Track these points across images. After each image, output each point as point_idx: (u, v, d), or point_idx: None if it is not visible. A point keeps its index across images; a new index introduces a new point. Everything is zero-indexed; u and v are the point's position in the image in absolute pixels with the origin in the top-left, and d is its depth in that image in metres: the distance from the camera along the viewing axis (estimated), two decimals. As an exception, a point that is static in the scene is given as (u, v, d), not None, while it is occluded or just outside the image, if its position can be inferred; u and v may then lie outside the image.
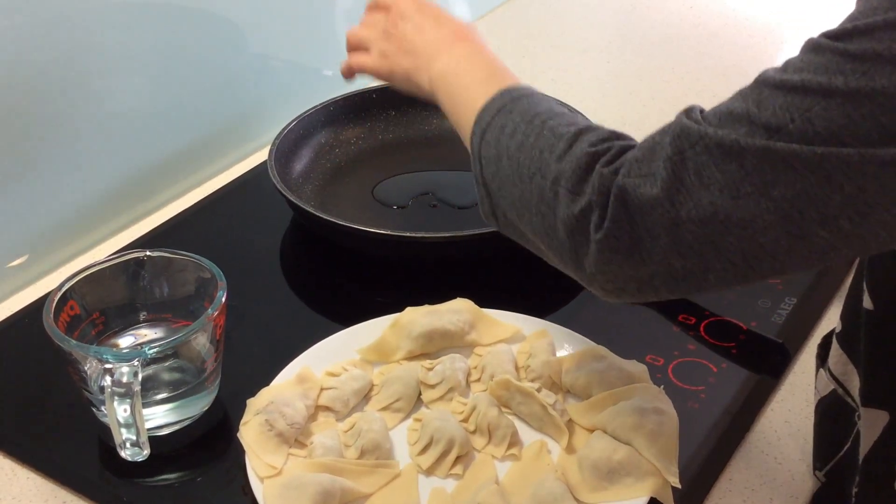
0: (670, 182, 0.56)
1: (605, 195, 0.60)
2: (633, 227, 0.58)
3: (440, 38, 0.85)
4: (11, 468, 0.79)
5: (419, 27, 0.87)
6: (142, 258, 0.84)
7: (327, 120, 1.18)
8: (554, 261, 0.67)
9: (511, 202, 0.68)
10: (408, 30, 0.87)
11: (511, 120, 0.70)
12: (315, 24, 1.34)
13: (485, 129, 0.71)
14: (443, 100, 0.81)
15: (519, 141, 0.68)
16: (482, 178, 0.71)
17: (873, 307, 0.66)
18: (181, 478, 0.78)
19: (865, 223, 0.52)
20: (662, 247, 0.57)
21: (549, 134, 0.67)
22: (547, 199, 0.64)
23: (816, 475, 0.76)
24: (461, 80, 0.79)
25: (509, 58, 1.58)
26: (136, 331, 0.85)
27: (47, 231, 1.04)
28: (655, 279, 0.59)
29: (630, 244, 0.58)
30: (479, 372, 0.84)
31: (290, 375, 0.82)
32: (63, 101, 1.01)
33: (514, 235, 0.71)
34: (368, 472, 0.74)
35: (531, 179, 0.65)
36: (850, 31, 0.52)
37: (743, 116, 0.55)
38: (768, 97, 0.54)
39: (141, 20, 1.08)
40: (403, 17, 0.88)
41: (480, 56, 0.82)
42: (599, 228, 0.60)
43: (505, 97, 0.72)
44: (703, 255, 0.56)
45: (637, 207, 0.58)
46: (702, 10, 1.66)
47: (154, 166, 1.14)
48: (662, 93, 1.38)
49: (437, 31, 0.86)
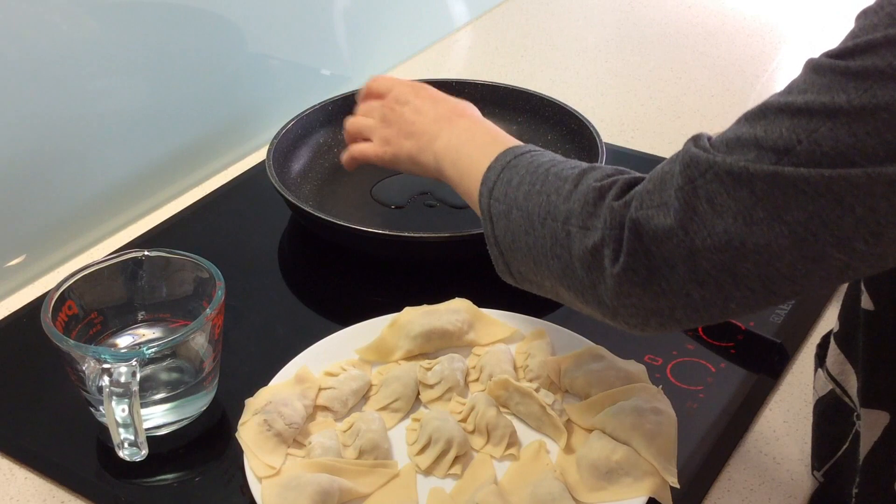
0: (683, 212, 0.57)
1: (618, 228, 0.61)
2: (650, 259, 0.59)
3: (439, 117, 0.87)
4: (9, 468, 0.79)
5: (417, 110, 0.89)
6: (140, 258, 0.84)
7: (326, 119, 1.17)
8: (577, 303, 0.68)
9: (526, 253, 0.69)
10: (406, 113, 0.90)
11: (517, 173, 0.71)
12: (313, 23, 1.34)
13: (492, 187, 0.73)
14: (449, 173, 0.82)
15: (526, 191, 0.69)
16: (493, 236, 0.72)
17: (873, 308, 0.66)
18: (179, 478, 0.78)
19: (880, 243, 0.52)
20: (680, 276, 0.58)
21: (555, 178, 0.68)
22: (560, 240, 0.65)
23: (815, 475, 0.76)
24: (465, 151, 0.81)
25: (508, 57, 1.59)
26: (134, 330, 0.84)
27: (45, 231, 1.04)
28: (677, 311, 0.60)
29: (647, 275, 0.59)
30: (477, 372, 0.84)
31: (289, 375, 0.82)
32: (61, 100, 1.01)
33: (533, 288, 0.73)
34: (367, 471, 0.74)
35: (542, 224, 0.66)
36: (851, 49, 0.52)
37: (751, 141, 0.55)
38: (774, 120, 0.54)
39: (139, 20, 1.08)
40: (400, 102, 0.91)
41: (480, 127, 0.85)
42: (616, 262, 0.61)
43: (508, 155, 0.74)
44: (721, 284, 0.57)
45: (652, 238, 0.58)
46: (700, 9, 1.66)
47: (152, 166, 1.14)
48: (661, 92, 1.39)
49: (436, 110, 0.88)
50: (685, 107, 1.33)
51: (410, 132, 0.88)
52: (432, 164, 0.85)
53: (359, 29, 1.42)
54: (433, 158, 0.85)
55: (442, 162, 0.83)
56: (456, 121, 0.86)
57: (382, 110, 0.92)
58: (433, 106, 0.89)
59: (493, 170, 0.74)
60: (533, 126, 1.18)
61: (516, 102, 1.20)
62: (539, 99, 1.18)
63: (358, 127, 0.95)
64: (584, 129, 1.11)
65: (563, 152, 1.14)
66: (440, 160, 0.84)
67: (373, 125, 0.93)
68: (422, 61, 1.50)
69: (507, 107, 1.20)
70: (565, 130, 1.15)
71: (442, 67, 1.49)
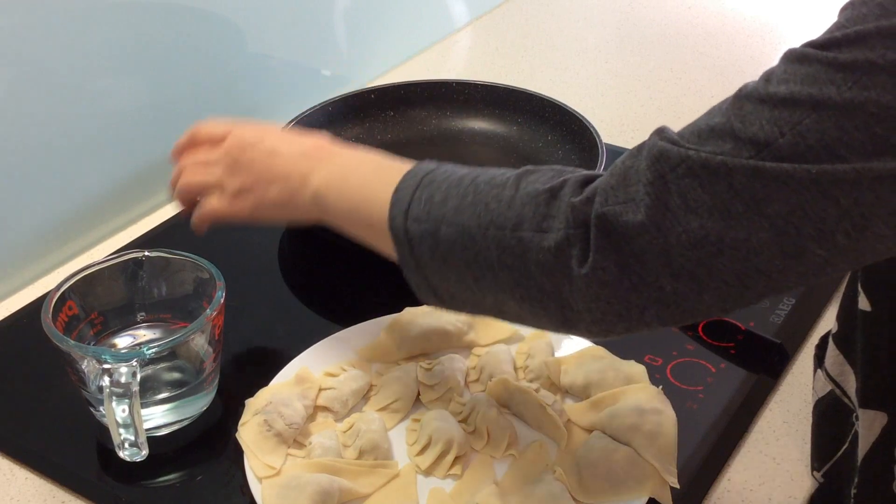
0: (655, 208, 0.54)
1: (583, 226, 0.57)
2: (620, 255, 0.56)
3: (304, 154, 0.78)
4: (10, 468, 0.79)
5: (272, 151, 0.79)
6: (140, 258, 0.84)
7: (326, 120, 1.17)
8: (527, 316, 0.63)
9: (461, 270, 0.63)
10: (259, 157, 0.79)
11: (437, 189, 0.65)
12: (314, 24, 1.34)
13: (407, 208, 0.66)
14: (336, 209, 0.74)
15: (455, 205, 0.64)
16: (414, 259, 0.66)
17: (870, 308, 0.66)
18: (180, 478, 0.78)
19: (862, 237, 0.51)
20: (653, 271, 0.55)
21: (487, 186, 0.63)
22: (510, 249, 0.60)
23: (814, 476, 0.76)
24: (353, 180, 0.73)
25: (508, 58, 1.59)
26: (134, 331, 0.85)
27: (46, 231, 1.04)
28: (648, 310, 0.57)
29: (618, 272, 0.56)
30: (477, 372, 0.84)
31: (289, 376, 0.82)
32: (61, 100, 1.01)
33: (466, 308, 0.67)
34: (367, 472, 0.74)
35: (484, 236, 0.61)
36: (840, 39, 0.51)
37: (726, 133, 0.53)
38: (753, 111, 0.52)
39: (139, 20, 1.08)
40: (245, 146, 0.80)
41: (360, 154, 0.77)
42: (584, 262, 0.57)
43: (417, 173, 0.68)
44: (696, 277, 0.55)
45: (622, 235, 0.56)
46: (700, 9, 1.66)
47: (153, 166, 1.14)
48: (661, 92, 1.39)
49: (295, 148, 0.79)
50: (685, 107, 1.33)
51: (271, 177, 0.78)
52: (309, 206, 0.76)
53: (359, 30, 1.42)
54: (310, 198, 0.75)
55: (324, 199, 0.74)
56: (327, 153, 0.77)
57: (225, 159, 0.80)
58: (289, 144, 0.79)
59: (403, 191, 0.67)
60: (533, 127, 1.18)
61: (516, 103, 1.20)
62: (539, 99, 1.18)
63: (195, 185, 0.82)
64: (584, 130, 1.11)
65: (563, 152, 1.14)
66: (321, 197, 0.75)
67: (215, 179, 0.80)
68: (422, 62, 1.50)
69: (507, 107, 1.20)
70: (565, 131, 1.15)
71: (442, 68, 1.49)
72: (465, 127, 1.22)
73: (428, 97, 1.22)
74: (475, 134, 1.21)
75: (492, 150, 1.19)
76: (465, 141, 1.21)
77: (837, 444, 0.73)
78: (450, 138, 1.21)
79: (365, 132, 1.20)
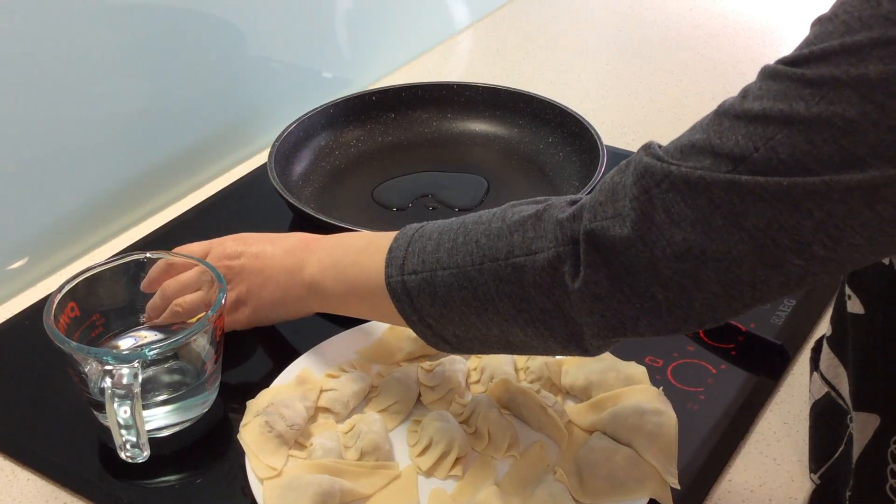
0: (640, 222, 0.57)
1: (572, 243, 0.60)
2: (610, 268, 0.58)
3: (290, 251, 0.80)
4: (12, 470, 0.79)
5: (257, 255, 0.82)
6: (142, 260, 0.84)
7: (327, 122, 1.18)
8: (534, 340, 0.65)
9: (463, 310, 0.66)
10: (247, 264, 0.82)
11: (428, 240, 0.68)
12: (315, 26, 1.34)
13: (402, 264, 0.68)
14: (333, 292, 0.77)
15: (448, 248, 0.66)
16: (416, 312, 0.68)
17: (862, 311, 0.66)
18: (181, 479, 0.78)
19: (838, 248, 0.52)
20: (643, 282, 0.58)
21: (475, 225, 0.66)
22: (506, 277, 0.63)
23: (812, 478, 0.76)
24: (345, 262, 0.76)
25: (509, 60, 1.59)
26: (136, 333, 0.85)
27: (47, 233, 1.04)
28: (641, 319, 0.59)
29: (609, 285, 0.59)
30: (478, 373, 0.84)
31: (290, 377, 0.82)
32: (63, 102, 1.01)
33: (475, 347, 0.69)
34: (368, 473, 0.75)
35: (480, 271, 0.64)
36: (807, 56, 0.52)
37: (706, 149, 0.55)
38: (730, 127, 0.54)
39: (141, 22, 1.08)
40: (231, 257, 0.82)
41: (345, 238, 0.79)
42: (576, 276, 0.60)
43: (407, 233, 0.71)
44: (684, 288, 0.57)
45: (610, 249, 0.58)
46: (701, 11, 1.67)
47: (154, 168, 1.14)
48: (661, 94, 1.39)
49: (279, 246, 0.81)
50: (686, 109, 1.33)
51: (263, 280, 0.81)
52: (305, 297, 0.79)
53: (360, 32, 1.42)
54: (306, 290, 0.79)
55: (320, 286, 0.78)
56: (312, 244, 0.80)
57: None
58: (272, 245, 0.82)
59: (395, 250, 0.70)
60: (534, 128, 1.18)
61: (517, 105, 1.20)
62: (540, 101, 1.19)
63: (191, 305, 0.82)
64: (585, 132, 1.11)
65: (564, 154, 1.14)
66: (316, 285, 0.78)
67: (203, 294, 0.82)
68: (423, 64, 1.51)
69: (508, 109, 1.20)
70: (566, 133, 1.15)
71: (443, 70, 1.50)
72: (466, 129, 1.22)
73: (429, 99, 1.22)
74: (476, 136, 1.21)
75: (493, 152, 1.19)
76: (465, 143, 1.21)
77: (833, 446, 0.73)
78: (451, 140, 1.21)
79: (366, 134, 1.20)
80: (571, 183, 1.09)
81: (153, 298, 0.83)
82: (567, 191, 1.08)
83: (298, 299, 0.80)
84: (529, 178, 1.14)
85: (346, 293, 0.76)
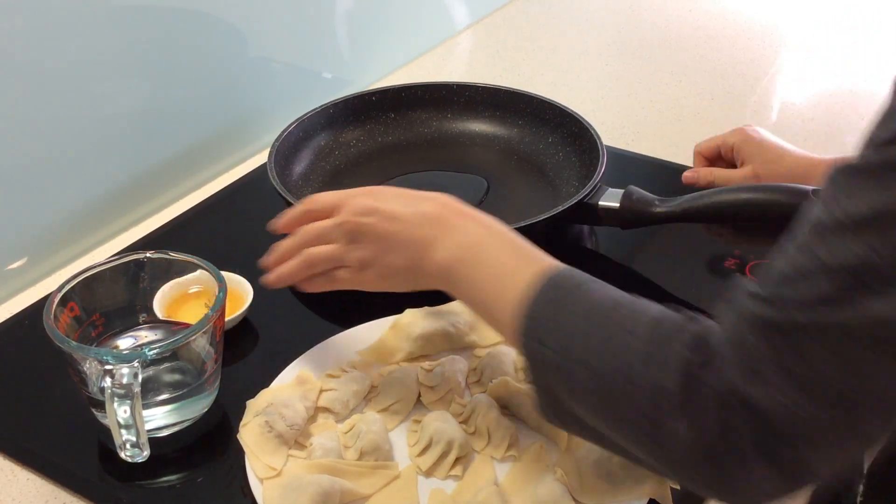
0: (782, 383, 0.52)
1: (728, 409, 0.54)
2: (777, 440, 0.53)
3: (426, 218, 0.74)
4: (11, 469, 0.79)
5: (392, 216, 0.75)
6: (142, 260, 0.84)
7: (327, 122, 1.18)
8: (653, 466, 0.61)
9: (589, 408, 0.61)
10: (379, 224, 0.75)
11: (573, 321, 0.62)
12: (315, 27, 1.34)
13: (541, 333, 0.63)
14: (461, 291, 0.72)
15: (594, 347, 0.60)
16: (544, 383, 0.64)
17: None
18: (181, 479, 0.78)
19: None
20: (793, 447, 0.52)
21: (623, 332, 0.60)
22: (646, 412, 0.57)
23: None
24: (482, 267, 0.70)
25: (509, 60, 1.59)
26: (136, 332, 0.85)
27: (47, 233, 1.04)
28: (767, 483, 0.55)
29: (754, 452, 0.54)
30: (478, 373, 0.84)
31: (290, 377, 0.82)
32: (63, 103, 1.01)
33: (587, 434, 0.65)
34: (368, 473, 0.75)
35: (621, 389, 0.58)
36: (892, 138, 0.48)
37: (817, 270, 0.50)
38: (833, 239, 0.50)
39: (141, 22, 1.08)
40: (364, 213, 0.76)
41: (485, 228, 0.73)
42: (721, 445, 0.54)
43: (550, 287, 0.64)
44: (839, 439, 0.52)
45: (754, 415, 0.53)
46: (701, 12, 1.67)
47: (154, 168, 1.14)
48: (661, 95, 1.39)
49: (415, 209, 0.75)
50: (686, 109, 1.33)
51: (392, 244, 0.75)
52: (434, 278, 0.74)
53: (360, 32, 1.42)
54: (435, 271, 0.73)
55: (450, 276, 0.72)
56: (451, 219, 0.74)
57: (343, 229, 0.77)
58: (406, 206, 0.76)
59: (535, 305, 0.64)
60: (534, 129, 1.18)
61: (517, 105, 1.20)
62: (540, 102, 1.19)
63: (318, 258, 0.78)
64: (585, 132, 1.11)
65: (563, 154, 1.14)
66: (447, 273, 0.72)
67: (336, 251, 0.78)
68: (423, 64, 1.51)
69: (509, 109, 1.20)
70: (566, 133, 1.15)
71: (443, 70, 1.50)
72: (466, 129, 1.22)
73: (429, 99, 1.22)
74: (476, 136, 1.21)
75: (492, 152, 1.19)
76: (465, 143, 1.21)
77: None
78: (450, 140, 1.21)
79: (366, 134, 1.20)
80: (571, 183, 1.09)
81: (285, 240, 0.80)
82: (567, 191, 1.08)
83: (426, 277, 0.74)
84: (529, 178, 1.14)
85: (475, 302, 0.71)
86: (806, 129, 1.28)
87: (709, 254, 1.02)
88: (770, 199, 0.92)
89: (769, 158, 1.01)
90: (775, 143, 1.02)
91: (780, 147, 1.02)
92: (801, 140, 1.23)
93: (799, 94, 1.41)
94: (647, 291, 0.63)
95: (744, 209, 0.93)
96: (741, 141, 1.03)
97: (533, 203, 1.06)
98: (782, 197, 0.92)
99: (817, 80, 1.44)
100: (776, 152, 1.01)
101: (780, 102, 1.38)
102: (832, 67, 1.47)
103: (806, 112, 1.34)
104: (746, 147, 1.02)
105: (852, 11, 1.63)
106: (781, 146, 1.02)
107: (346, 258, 0.77)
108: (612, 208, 0.98)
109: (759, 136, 1.03)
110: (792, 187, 0.92)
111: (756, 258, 0.99)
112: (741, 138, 1.03)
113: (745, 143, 1.03)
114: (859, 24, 1.59)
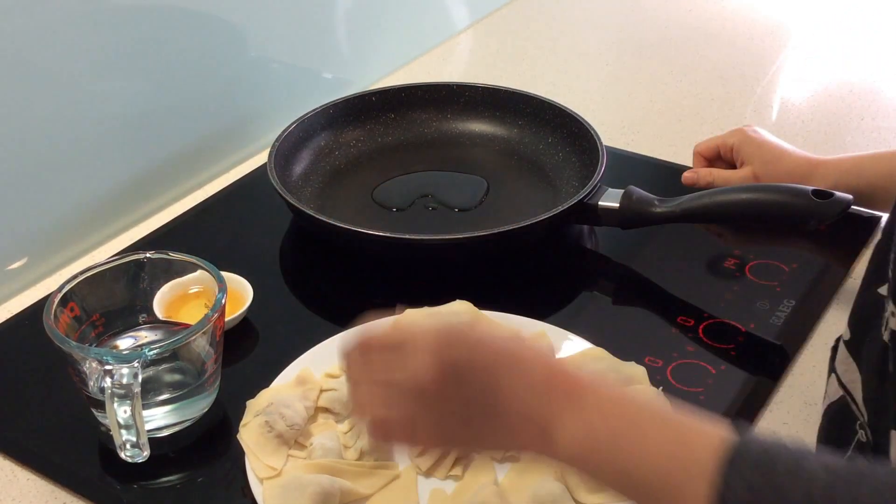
0: None
1: None
2: None
3: (536, 389, 0.56)
4: (11, 469, 0.79)
5: (490, 388, 0.56)
6: (142, 260, 0.84)
7: (327, 122, 1.18)
8: None
9: None
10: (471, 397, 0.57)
11: None
12: (314, 27, 1.34)
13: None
14: (596, 474, 0.56)
15: None
16: None
17: None
18: (181, 479, 0.78)
19: None
20: None
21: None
22: None
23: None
24: (625, 448, 0.54)
25: (509, 61, 1.59)
26: (136, 332, 0.85)
27: (47, 233, 1.04)
28: None
29: None
30: (478, 373, 0.84)
31: (290, 377, 0.82)
32: (63, 102, 1.01)
33: None
34: (368, 473, 0.75)
35: None
36: None
37: None
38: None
39: (141, 22, 1.08)
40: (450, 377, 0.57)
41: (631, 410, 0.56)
42: None
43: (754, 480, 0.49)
44: None
45: None
46: (701, 12, 1.67)
47: (154, 168, 1.14)
48: (661, 95, 1.39)
49: (521, 376, 0.57)
50: (686, 110, 1.33)
51: (491, 429, 0.57)
52: (543, 451, 0.57)
53: (360, 32, 1.42)
54: (547, 449, 0.56)
55: (576, 462, 0.56)
56: (575, 392, 0.56)
57: (417, 391, 0.58)
58: (511, 371, 0.57)
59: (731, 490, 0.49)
60: (534, 129, 1.18)
61: (517, 105, 1.20)
62: (540, 102, 1.19)
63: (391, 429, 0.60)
64: (585, 132, 1.11)
65: (563, 155, 1.14)
66: (572, 460, 0.56)
67: (402, 414, 0.59)
68: (423, 64, 1.51)
69: (508, 110, 1.20)
70: (566, 133, 1.15)
71: (443, 70, 1.50)
72: (466, 129, 1.22)
73: (429, 99, 1.22)
74: (476, 136, 1.21)
75: (492, 152, 1.19)
76: (465, 143, 1.21)
77: (842, 451, 0.72)
78: (450, 140, 1.21)
79: (366, 134, 1.20)
80: (571, 183, 1.09)
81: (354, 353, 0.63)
82: (567, 191, 1.08)
83: (533, 451, 0.58)
84: (529, 178, 1.14)
85: (621, 485, 0.55)
86: (806, 129, 1.28)
87: (709, 254, 1.02)
88: (770, 199, 0.93)
89: (769, 159, 1.01)
90: (775, 143, 1.02)
91: (779, 147, 1.02)
92: (801, 140, 1.23)
93: (799, 94, 1.41)
94: (648, 291, 0.63)
95: (744, 209, 0.93)
96: (741, 141, 1.03)
97: (533, 203, 1.06)
98: (782, 197, 0.92)
99: (817, 80, 1.44)
100: (776, 153, 1.01)
101: (780, 102, 1.38)
102: (832, 67, 1.47)
103: (806, 112, 1.34)
104: (746, 147, 1.02)
105: (852, 11, 1.63)
106: (781, 147, 1.02)
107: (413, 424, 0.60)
108: (612, 208, 0.98)
109: (758, 137, 1.03)
110: (792, 187, 0.92)
111: (756, 258, 1.00)
112: (741, 139, 1.03)
113: (744, 144, 1.03)
114: (859, 24, 1.59)
